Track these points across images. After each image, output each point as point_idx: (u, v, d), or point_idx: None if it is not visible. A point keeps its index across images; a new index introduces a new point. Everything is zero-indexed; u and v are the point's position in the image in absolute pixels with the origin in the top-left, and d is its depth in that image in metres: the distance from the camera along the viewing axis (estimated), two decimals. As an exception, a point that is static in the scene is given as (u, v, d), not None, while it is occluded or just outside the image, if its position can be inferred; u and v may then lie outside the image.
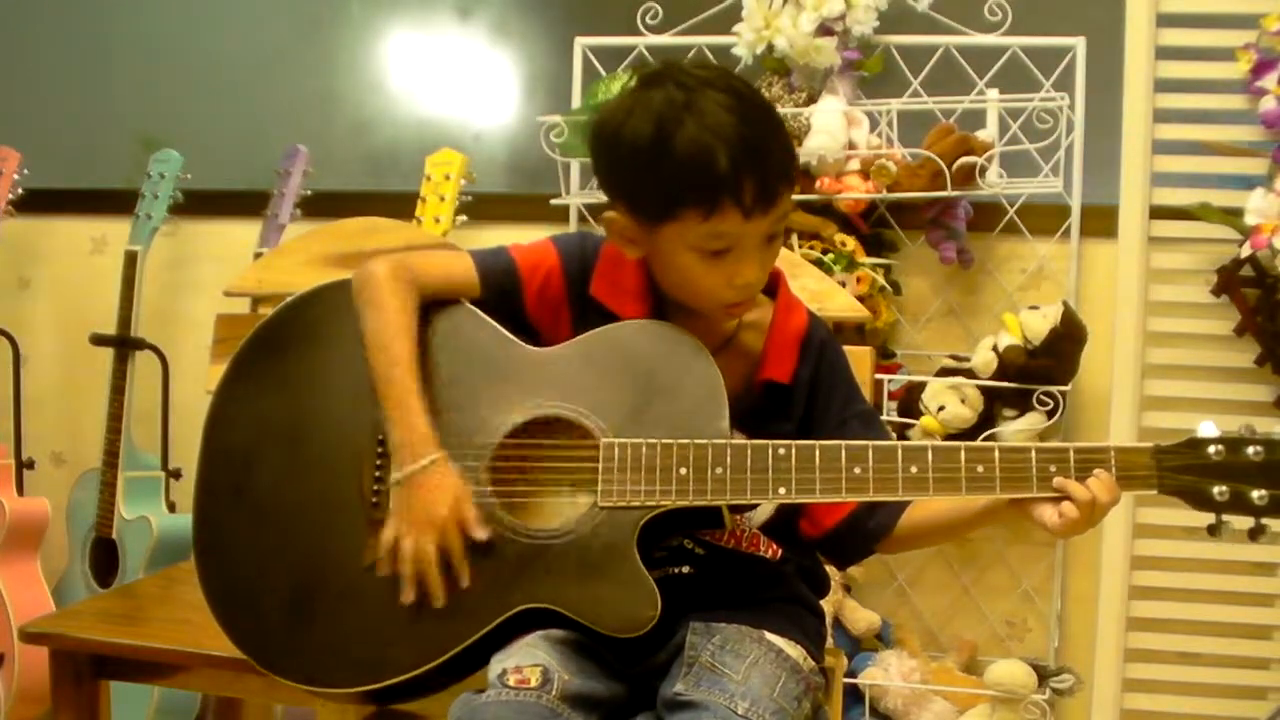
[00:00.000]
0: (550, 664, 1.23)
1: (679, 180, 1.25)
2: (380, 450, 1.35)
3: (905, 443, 1.29)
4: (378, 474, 1.35)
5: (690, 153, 1.23)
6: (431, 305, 1.39)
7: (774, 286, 1.41)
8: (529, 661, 1.23)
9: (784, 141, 1.30)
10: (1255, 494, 1.24)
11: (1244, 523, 1.25)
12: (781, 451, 1.29)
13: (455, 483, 1.31)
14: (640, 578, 1.26)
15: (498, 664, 1.25)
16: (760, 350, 1.39)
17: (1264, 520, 1.24)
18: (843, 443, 1.29)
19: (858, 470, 1.28)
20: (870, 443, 1.29)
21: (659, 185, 1.26)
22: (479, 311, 1.39)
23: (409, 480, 1.31)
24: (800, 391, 1.39)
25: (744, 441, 1.29)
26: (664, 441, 1.29)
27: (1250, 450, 1.24)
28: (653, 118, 1.25)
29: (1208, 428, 1.26)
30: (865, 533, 1.38)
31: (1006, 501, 1.29)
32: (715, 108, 1.24)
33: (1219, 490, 1.24)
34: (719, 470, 1.28)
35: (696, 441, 1.29)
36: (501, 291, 1.39)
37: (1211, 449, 1.25)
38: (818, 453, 1.28)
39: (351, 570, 1.33)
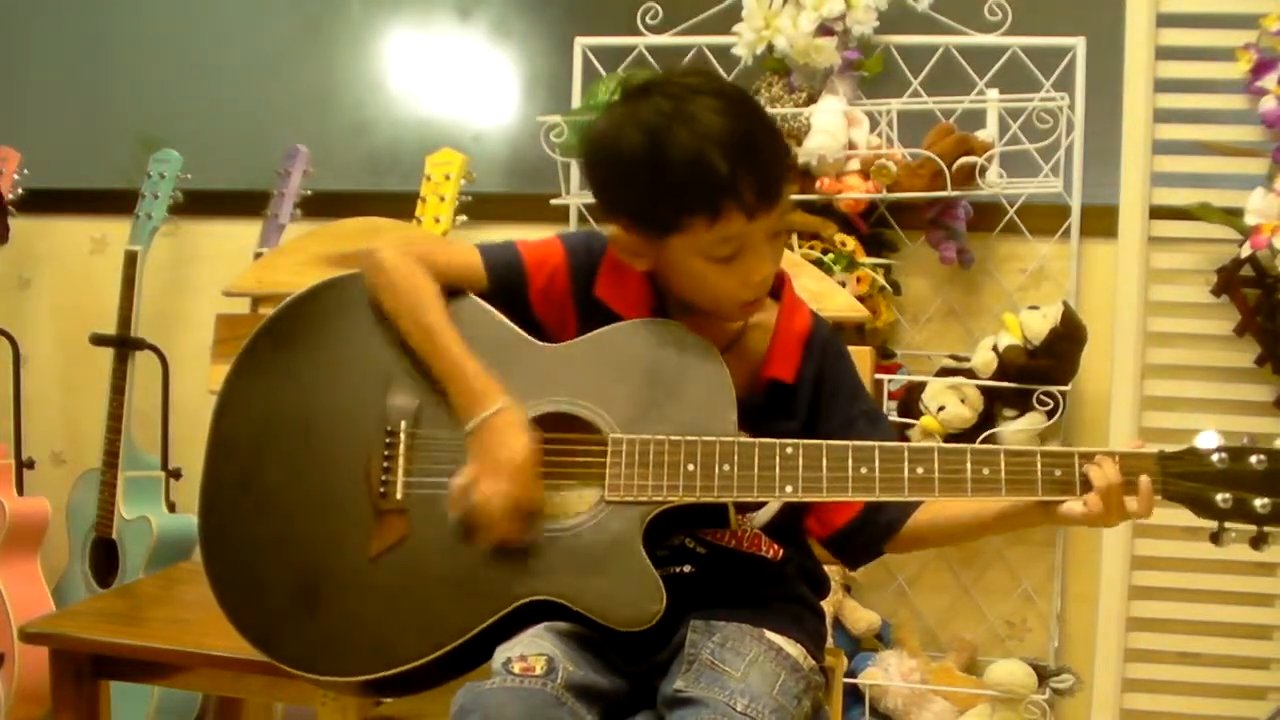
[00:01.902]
0: (555, 654, 1.24)
1: (679, 191, 1.25)
2: (389, 441, 1.36)
3: (912, 444, 1.30)
4: (385, 464, 1.35)
5: (686, 162, 1.24)
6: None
7: (778, 287, 1.41)
8: (534, 650, 1.24)
9: (776, 137, 1.30)
10: (1258, 502, 1.25)
11: (1246, 530, 1.26)
12: (789, 450, 1.29)
13: (526, 430, 1.31)
14: (646, 572, 1.27)
15: (502, 653, 1.26)
16: (765, 350, 1.39)
17: (1266, 528, 1.25)
18: (850, 443, 1.30)
19: (864, 470, 1.28)
20: (877, 443, 1.29)
21: (660, 199, 1.27)
22: (488, 305, 1.39)
23: (481, 428, 1.31)
24: (804, 391, 1.39)
25: (752, 439, 1.30)
26: (672, 438, 1.29)
27: (1253, 459, 1.25)
28: (644, 130, 1.26)
29: (1211, 436, 1.27)
30: (875, 532, 1.39)
31: (1028, 507, 1.29)
32: (705, 113, 1.25)
33: (1222, 498, 1.25)
34: (726, 467, 1.28)
35: (704, 438, 1.29)
36: (507, 286, 1.40)
37: (1215, 456, 1.26)
38: (825, 452, 1.29)
39: (358, 560, 1.33)
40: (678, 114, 1.25)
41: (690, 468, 1.29)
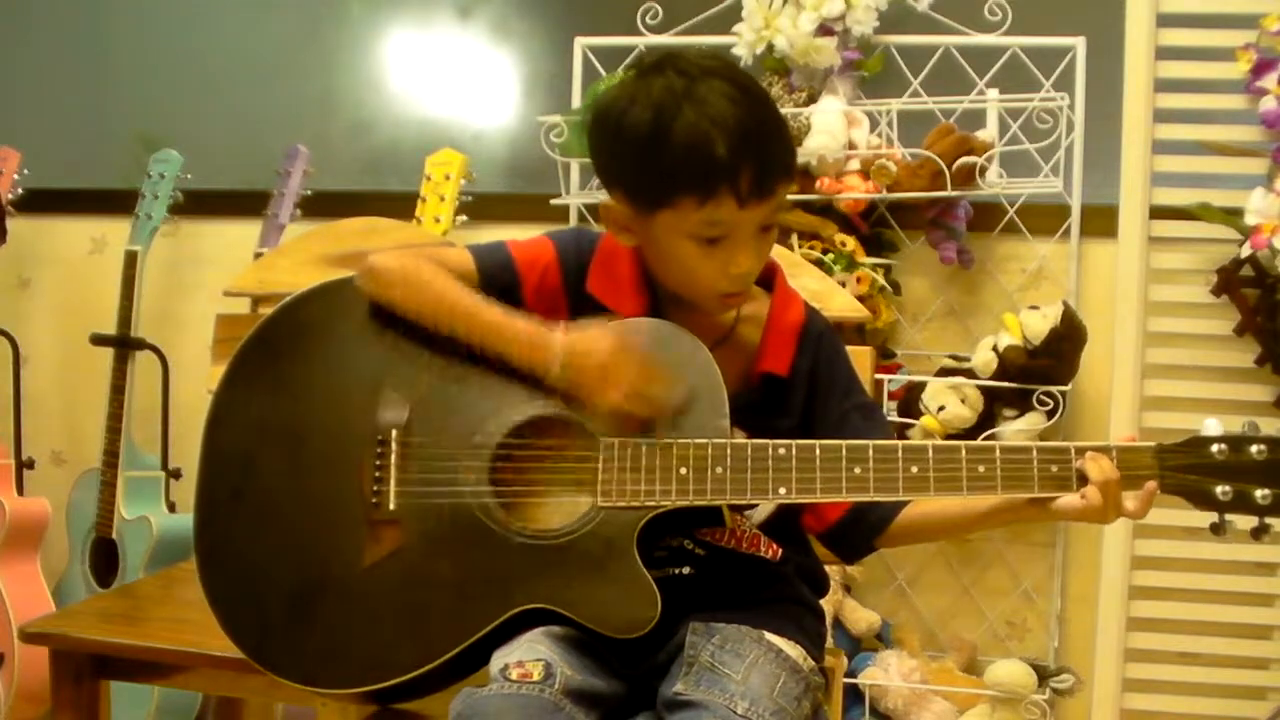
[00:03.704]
0: (553, 659, 1.23)
1: (676, 167, 1.25)
2: (380, 450, 1.35)
3: (906, 442, 1.29)
4: (378, 474, 1.35)
5: (688, 139, 1.23)
6: None
7: (771, 280, 1.41)
8: (531, 656, 1.23)
9: (783, 133, 1.30)
10: (1259, 493, 1.23)
11: (1247, 522, 1.24)
12: (782, 451, 1.29)
13: (597, 328, 1.30)
14: (640, 578, 1.26)
15: (500, 659, 1.25)
16: (758, 343, 1.39)
17: (1267, 519, 1.24)
18: (843, 442, 1.29)
19: (858, 470, 1.28)
20: (871, 442, 1.29)
21: (656, 171, 1.26)
22: None
23: (567, 363, 1.29)
24: (799, 384, 1.39)
25: (744, 441, 1.29)
26: (663, 441, 1.29)
27: (1254, 449, 1.24)
28: (652, 104, 1.25)
29: (1212, 426, 1.26)
30: (867, 526, 1.39)
31: (1026, 502, 1.29)
32: (716, 96, 1.24)
33: (1222, 490, 1.24)
34: (719, 470, 1.28)
35: (696, 441, 1.29)
36: (499, 287, 1.39)
37: (1214, 448, 1.24)
38: (818, 452, 1.28)
39: (353, 570, 1.33)
40: (688, 93, 1.24)
41: (683, 471, 1.28)
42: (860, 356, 1.57)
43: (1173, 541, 2.39)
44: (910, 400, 2.41)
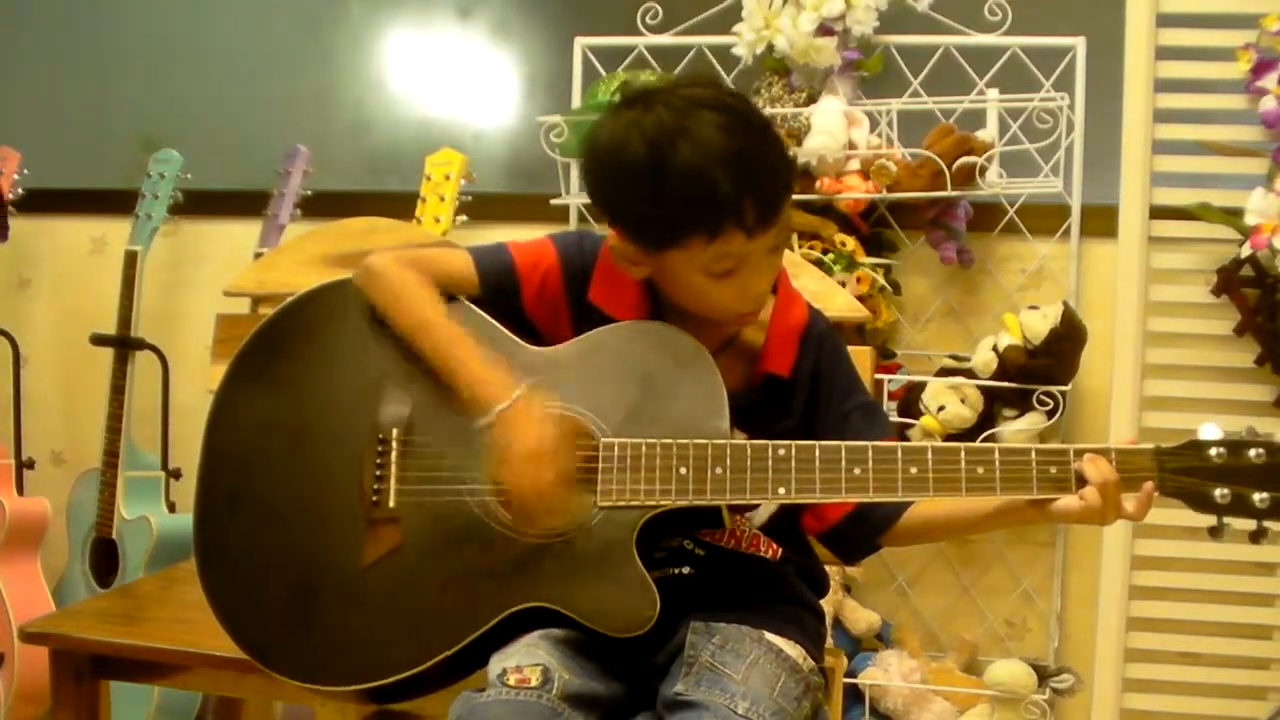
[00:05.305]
0: (551, 663, 1.23)
1: (679, 208, 1.24)
2: (380, 449, 1.36)
3: (905, 443, 1.29)
4: (378, 473, 1.35)
5: (688, 180, 1.22)
6: None
7: (774, 281, 1.41)
8: (529, 661, 1.23)
9: (780, 154, 1.29)
10: (1257, 497, 1.24)
11: (1245, 525, 1.25)
12: (781, 452, 1.29)
13: (550, 408, 1.30)
14: (639, 578, 1.27)
15: (498, 663, 1.25)
16: (761, 345, 1.39)
17: (1265, 523, 1.24)
18: (842, 443, 1.29)
19: (857, 471, 1.28)
20: (870, 443, 1.29)
21: (660, 214, 1.26)
22: (478, 310, 1.39)
23: (501, 419, 1.29)
24: (801, 385, 1.39)
25: (743, 441, 1.30)
26: (663, 441, 1.29)
27: (1252, 453, 1.24)
28: (646, 144, 1.24)
29: (1209, 430, 1.26)
30: (868, 528, 1.39)
31: (1025, 504, 1.29)
32: (707, 129, 1.23)
33: (1220, 493, 1.24)
34: (718, 470, 1.28)
35: (696, 441, 1.29)
36: (500, 289, 1.39)
37: (1213, 451, 1.25)
38: (817, 453, 1.29)
39: (352, 569, 1.33)
40: (681, 128, 1.23)
41: (682, 471, 1.28)
42: (860, 356, 1.57)
43: (1173, 541, 2.39)
44: (910, 400, 2.41)
